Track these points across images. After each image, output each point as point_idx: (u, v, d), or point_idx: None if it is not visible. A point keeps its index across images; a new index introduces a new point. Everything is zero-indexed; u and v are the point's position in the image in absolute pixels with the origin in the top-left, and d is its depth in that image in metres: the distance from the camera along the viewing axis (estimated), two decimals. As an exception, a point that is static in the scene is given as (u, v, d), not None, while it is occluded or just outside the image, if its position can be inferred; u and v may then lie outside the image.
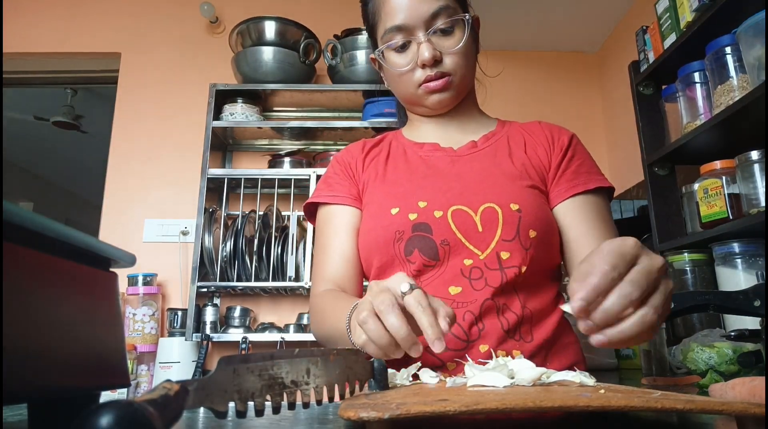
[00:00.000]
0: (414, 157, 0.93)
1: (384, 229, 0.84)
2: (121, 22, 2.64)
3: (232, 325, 2.17)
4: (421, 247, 0.81)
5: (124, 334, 2.02)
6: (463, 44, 0.86)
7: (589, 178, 0.87)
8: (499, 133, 0.95)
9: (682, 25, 1.52)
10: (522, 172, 0.87)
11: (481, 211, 0.82)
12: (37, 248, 0.34)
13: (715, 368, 0.88)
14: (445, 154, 0.92)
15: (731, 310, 0.71)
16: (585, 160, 0.90)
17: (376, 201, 0.89)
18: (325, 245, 0.92)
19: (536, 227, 0.81)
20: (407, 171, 0.91)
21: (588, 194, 0.86)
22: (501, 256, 0.80)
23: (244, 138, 2.47)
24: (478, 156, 0.91)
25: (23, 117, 4.02)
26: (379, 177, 0.92)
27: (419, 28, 0.85)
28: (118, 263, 0.46)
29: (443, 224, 0.82)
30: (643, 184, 1.76)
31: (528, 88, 2.68)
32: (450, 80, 0.87)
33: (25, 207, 0.63)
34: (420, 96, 0.90)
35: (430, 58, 0.84)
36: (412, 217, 0.83)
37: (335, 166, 0.97)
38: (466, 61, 0.88)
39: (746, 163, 1.29)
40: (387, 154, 0.96)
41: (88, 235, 0.40)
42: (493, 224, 0.81)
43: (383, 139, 1.00)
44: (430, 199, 0.84)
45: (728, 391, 0.54)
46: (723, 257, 1.37)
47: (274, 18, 2.27)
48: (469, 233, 0.81)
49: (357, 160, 0.96)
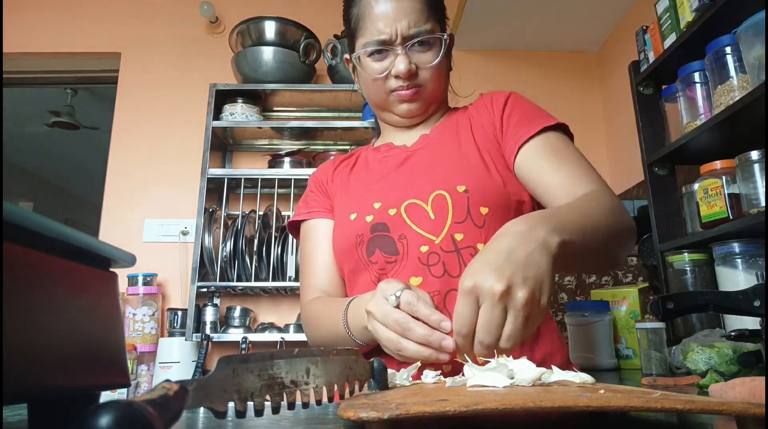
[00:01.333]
0: (373, 162, 0.98)
1: (346, 235, 0.88)
2: (121, 22, 2.64)
3: (232, 325, 2.17)
4: (381, 245, 0.85)
5: (124, 334, 2.02)
6: (438, 61, 0.89)
7: (532, 124, 0.86)
8: (449, 119, 0.97)
9: (682, 25, 1.52)
10: (468, 152, 0.88)
11: (432, 199, 0.84)
12: (37, 248, 0.34)
13: (715, 368, 0.88)
14: (399, 151, 0.95)
15: (731, 310, 0.71)
16: (525, 110, 0.90)
17: (339, 210, 0.94)
18: (308, 257, 0.97)
19: (487, 203, 0.82)
20: (365, 178, 0.95)
21: (537, 137, 0.85)
22: (455, 238, 0.82)
23: (244, 138, 2.47)
24: (429, 146, 0.93)
25: (24, 121, 4.02)
26: (342, 187, 0.97)
27: (399, 43, 0.87)
28: (118, 263, 0.46)
29: (398, 220, 0.84)
30: (643, 184, 1.76)
31: (528, 88, 2.67)
32: (420, 91, 0.90)
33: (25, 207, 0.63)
34: (390, 103, 0.93)
35: (405, 71, 0.87)
36: (369, 220, 0.86)
37: (311, 184, 1.03)
38: (438, 76, 0.91)
39: (746, 163, 1.29)
40: (353, 165, 1.01)
41: (88, 235, 0.40)
42: (443, 210, 0.83)
43: (354, 153, 1.05)
44: (383, 199, 0.87)
45: (728, 391, 0.54)
46: (723, 257, 1.37)
47: (274, 18, 2.27)
48: (423, 223, 0.83)
49: (328, 176, 1.01)
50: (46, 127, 3.81)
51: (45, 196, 5.35)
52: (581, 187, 0.79)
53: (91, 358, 0.38)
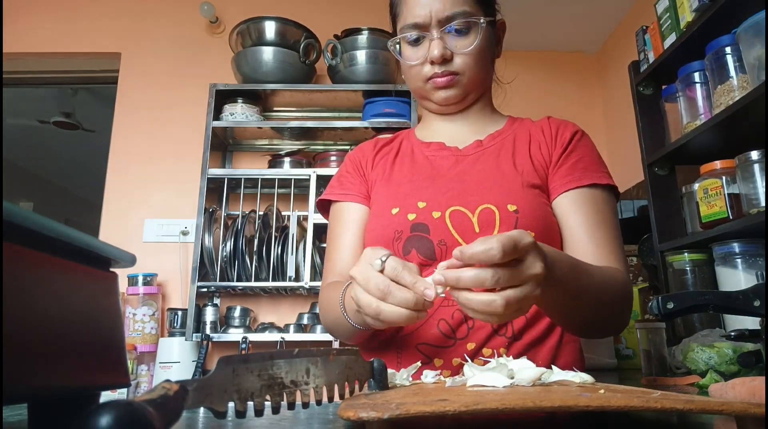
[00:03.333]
0: (420, 156, 0.95)
1: (384, 228, 0.86)
2: (121, 22, 2.64)
3: (232, 325, 2.17)
4: (419, 247, 0.83)
5: (124, 334, 2.02)
6: (474, 46, 0.87)
7: (584, 174, 0.86)
8: (506, 132, 0.95)
9: (682, 25, 1.52)
10: (523, 171, 0.87)
11: (479, 212, 0.83)
12: (37, 248, 0.34)
13: (715, 368, 0.88)
14: (450, 153, 0.93)
15: (731, 310, 0.71)
16: (584, 156, 0.90)
17: (379, 201, 0.91)
18: (335, 240, 0.94)
19: (534, 228, 0.81)
20: (411, 171, 0.93)
21: (584, 189, 0.86)
22: None
23: (244, 138, 2.47)
24: (482, 155, 0.91)
25: (24, 121, 4.02)
26: (385, 176, 0.94)
27: (434, 26, 0.86)
28: (118, 263, 0.46)
29: (441, 225, 0.83)
30: (643, 184, 1.76)
31: (528, 88, 2.68)
32: (456, 79, 0.89)
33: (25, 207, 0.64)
34: (428, 90, 0.92)
35: (438, 56, 0.86)
36: (411, 218, 0.84)
37: (348, 164, 1.00)
38: (476, 63, 0.89)
39: (746, 163, 1.29)
40: (396, 153, 0.98)
41: (88, 234, 0.40)
42: (490, 225, 0.82)
43: (395, 137, 1.02)
44: (429, 200, 0.85)
45: (728, 391, 0.54)
46: (723, 257, 1.37)
47: (274, 18, 2.27)
48: (466, 234, 0.82)
49: (368, 159, 0.98)
50: (46, 127, 3.82)
51: (45, 196, 5.34)
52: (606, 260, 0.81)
53: (91, 358, 0.38)
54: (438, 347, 0.81)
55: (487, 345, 0.80)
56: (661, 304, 0.73)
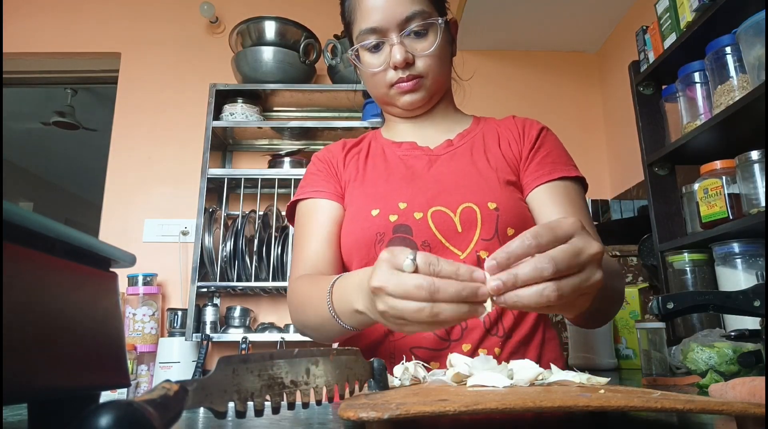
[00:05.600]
0: (392, 156, 0.94)
1: (364, 230, 0.85)
2: (121, 22, 2.64)
3: (232, 325, 2.17)
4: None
5: (124, 334, 2.02)
6: (435, 47, 0.86)
7: (554, 168, 0.88)
8: (475, 130, 0.96)
9: (682, 25, 1.52)
10: (497, 167, 0.88)
11: (460, 211, 0.83)
12: (37, 248, 0.34)
13: (715, 368, 0.88)
14: (423, 152, 0.93)
15: (731, 310, 0.71)
16: (552, 151, 0.91)
17: (355, 203, 0.89)
18: (306, 235, 0.90)
19: (514, 225, 0.82)
20: (386, 171, 0.92)
21: (556, 182, 0.87)
22: (480, 256, 0.81)
23: (244, 138, 2.47)
24: (455, 155, 0.92)
25: (25, 121, 4.02)
26: (359, 177, 0.93)
27: (393, 30, 0.85)
28: (118, 263, 0.46)
29: (423, 225, 0.83)
30: (643, 184, 1.76)
31: (528, 88, 2.68)
32: (421, 82, 0.88)
33: (25, 207, 0.63)
34: (392, 96, 0.90)
35: (401, 60, 0.84)
36: (393, 219, 0.84)
37: (317, 163, 0.97)
38: (438, 64, 0.89)
39: (746, 163, 1.29)
40: (366, 153, 0.97)
41: (88, 235, 0.40)
42: (472, 224, 0.82)
43: (363, 138, 1.01)
44: (409, 201, 0.85)
45: (728, 391, 0.54)
46: (723, 257, 1.37)
47: (274, 18, 2.27)
48: (449, 234, 0.82)
49: (338, 159, 0.96)
50: (46, 127, 3.82)
51: (45, 196, 5.35)
52: None
53: (91, 358, 0.38)
54: (433, 350, 0.81)
55: (482, 345, 0.81)
56: (661, 304, 0.73)
